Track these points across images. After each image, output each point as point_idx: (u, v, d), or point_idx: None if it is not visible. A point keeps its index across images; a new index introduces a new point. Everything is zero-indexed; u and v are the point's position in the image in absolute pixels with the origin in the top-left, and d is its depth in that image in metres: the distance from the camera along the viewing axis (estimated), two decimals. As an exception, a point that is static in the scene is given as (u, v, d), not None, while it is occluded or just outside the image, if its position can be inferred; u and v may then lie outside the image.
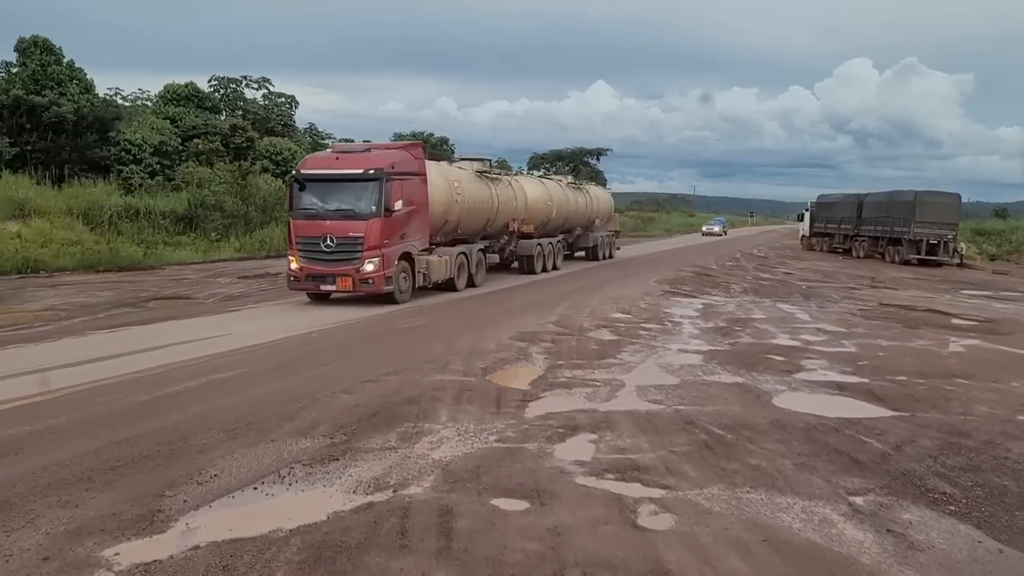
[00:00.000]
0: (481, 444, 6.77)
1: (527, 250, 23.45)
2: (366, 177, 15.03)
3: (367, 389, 8.59)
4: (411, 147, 17.32)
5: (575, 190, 29.10)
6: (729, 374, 10.06)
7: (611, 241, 32.40)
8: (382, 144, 18.42)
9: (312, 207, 15.38)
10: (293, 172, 16.56)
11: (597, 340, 12.29)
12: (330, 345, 11.44)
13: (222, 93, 46.33)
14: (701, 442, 6.93)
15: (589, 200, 30.06)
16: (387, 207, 14.94)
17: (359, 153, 15.97)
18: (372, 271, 14.91)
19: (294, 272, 15.38)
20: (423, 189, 16.59)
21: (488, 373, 9.65)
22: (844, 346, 12.55)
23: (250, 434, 6.81)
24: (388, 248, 15.19)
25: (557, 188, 26.99)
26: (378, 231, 14.93)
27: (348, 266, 14.95)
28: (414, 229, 16.24)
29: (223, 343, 11.11)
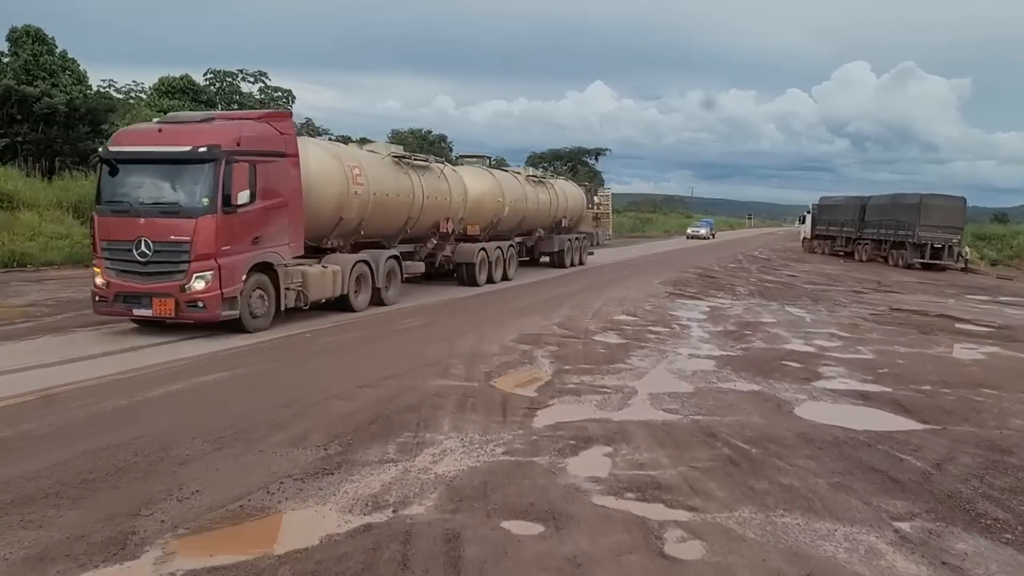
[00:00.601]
0: (487, 457, 6.25)
1: (466, 256, 19.09)
2: (195, 157, 10.76)
3: (364, 394, 8.06)
4: (274, 117, 12.85)
5: (536, 185, 24.66)
6: (745, 381, 9.55)
7: (582, 245, 28.30)
8: (234, 114, 14.80)
9: (122, 199, 11.06)
10: (99, 149, 11.97)
11: (604, 344, 11.78)
12: (325, 346, 10.92)
13: (218, 86, 45.73)
14: (725, 457, 6.42)
15: (555, 197, 25.69)
16: (227, 199, 10.79)
17: (191, 124, 11.58)
18: (202, 290, 10.61)
19: (99, 290, 11.02)
20: (293, 175, 12.30)
21: (492, 378, 9.13)
22: (861, 352, 12.05)
23: (237, 444, 6.28)
24: (229, 257, 10.92)
25: (512, 182, 22.57)
26: (212, 233, 10.67)
27: (169, 282, 10.63)
28: (277, 230, 11.92)
29: (214, 341, 10.58)
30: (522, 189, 22.98)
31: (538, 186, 24.73)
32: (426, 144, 57.88)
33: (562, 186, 27.38)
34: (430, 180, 17.59)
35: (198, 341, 10.71)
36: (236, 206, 10.94)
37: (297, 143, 12.67)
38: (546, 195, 25.00)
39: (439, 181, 18.14)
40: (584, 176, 69.76)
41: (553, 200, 25.44)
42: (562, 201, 26.21)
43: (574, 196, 28.26)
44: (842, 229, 42.38)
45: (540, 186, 24.94)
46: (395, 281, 15.56)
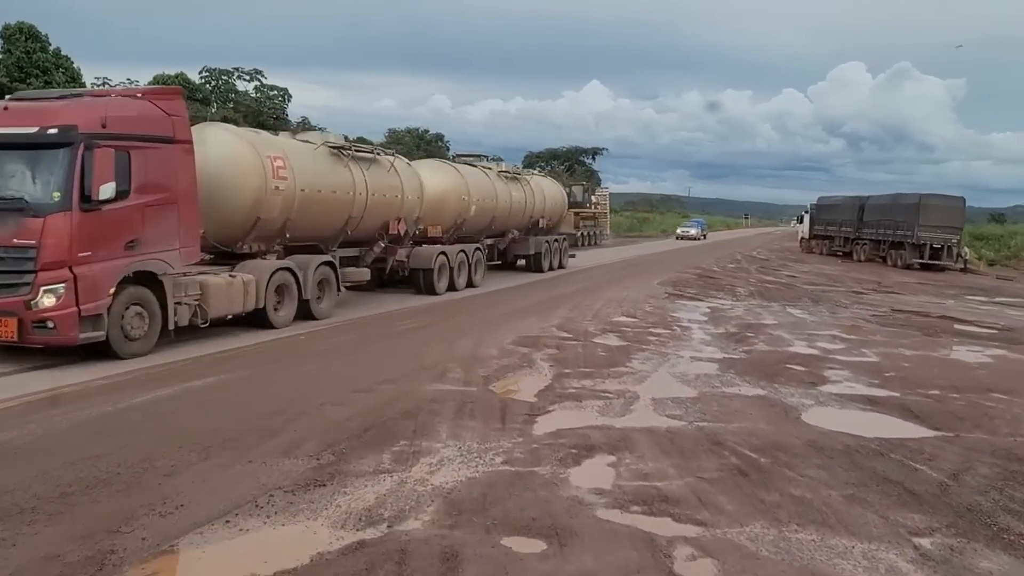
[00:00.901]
0: (486, 467, 6.01)
1: (423, 261, 16.75)
2: (44, 141, 8.76)
3: (359, 400, 7.81)
4: (159, 94, 10.43)
5: (510, 182, 22.40)
6: (749, 386, 9.32)
7: (562, 248, 26.05)
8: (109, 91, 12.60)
9: None
10: None
11: (604, 346, 11.54)
12: (319, 349, 10.66)
13: (213, 85, 45.44)
14: (733, 467, 6.18)
15: (531, 196, 23.42)
16: (86, 193, 8.70)
17: (45, 102, 9.54)
18: (53, 306, 8.54)
19: None
20: (185, 166, 10.12)
21: (490, 382, 8.88)
22: (865, 355, 11.83)
23: (225, 453, 6.02)
24: (90, 265, 8.82)
25: (480, 179, 20.32)
26: (66, 236, 8.61)
27: (10, 297, 8.56)
28: (163, 232, 9.74)
29: (202, 344, 10.32)
30: (492, 187, 20.75)
31: (512, 183, 22.42)
32: (423, 143, 57.67)
33: (540, 183, 25.11)
34: (377, 175, 15.15)
35: (185, 344, 10.45)
36: (99, 202, 8.77)
37: (189, 126, 10.47)
38: (520, 193, 22.74)
39: (388, 176, 15.63)
40: (581, 176, 69.67)
41: (529, 199, 23.29)
42: (539, 200, 24.08)
43: (553, 195, 26.08)
44: (840, 229, 42.18)
45: (514, 183, 22.64)
46: (329, 291, 13.15)
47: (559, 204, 26.47)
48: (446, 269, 17.46)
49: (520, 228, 23.10)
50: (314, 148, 13.85)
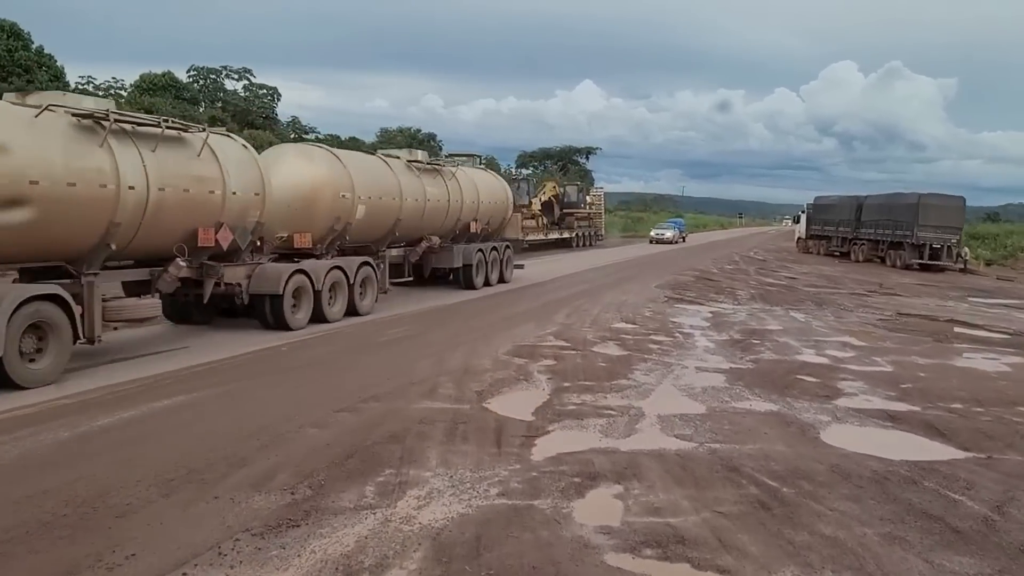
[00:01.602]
0: (481, 500, 5.41)
1: (268, 284, 12.06)
2: None
3: (341, 421, 7.19)
4: None
5: (424, 174, 17.32)
6: (760, 400, 8.74)
7: (504, 257, 20.88)
8: None
9: None
10: None
11: (604, 356, 10.95)
12: (301, 362, 10.01)
13: (201, 84, 44.68)
14: (753, 499, 5.59)
15: (456, 192, 18.37)
16: None
17: None
18: None
19: None
20: None
21: (484, 398, 8.28)
22: (878, 364, 11.27)
23: (188, 487, 5.40)
24: None
25: (375, 171, 15.63)
26: None
27: None
28: None
29: (177, 358, 9.68)
30: (395, 181, 15.82)
31: (428, 176, 17.46)
32: (415, 142, 56.97)
33: (471, 178, 19.80)
34: (173, 160, 10.25)
35: (154, 358, 9.82)
36: None
37: None
38: (441, 190, 17.74)
39: (195, 163, 10.73)
40: (575, 175, 69.12)
41: (455, 197, 18.31)
42: (470, 198, 19.08)
43: (491, 192, 20.89)
44: (838, 229, 41.72)
45: (431, 177, 17.65)
46: (52, 342, 8.45)
47: (500, 204, 21.44)
48: (307, 295, 12.58)
49: (443, 234, 18.25)
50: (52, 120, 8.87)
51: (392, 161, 16.60)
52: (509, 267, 21.27)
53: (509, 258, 21.34)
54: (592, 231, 44.40)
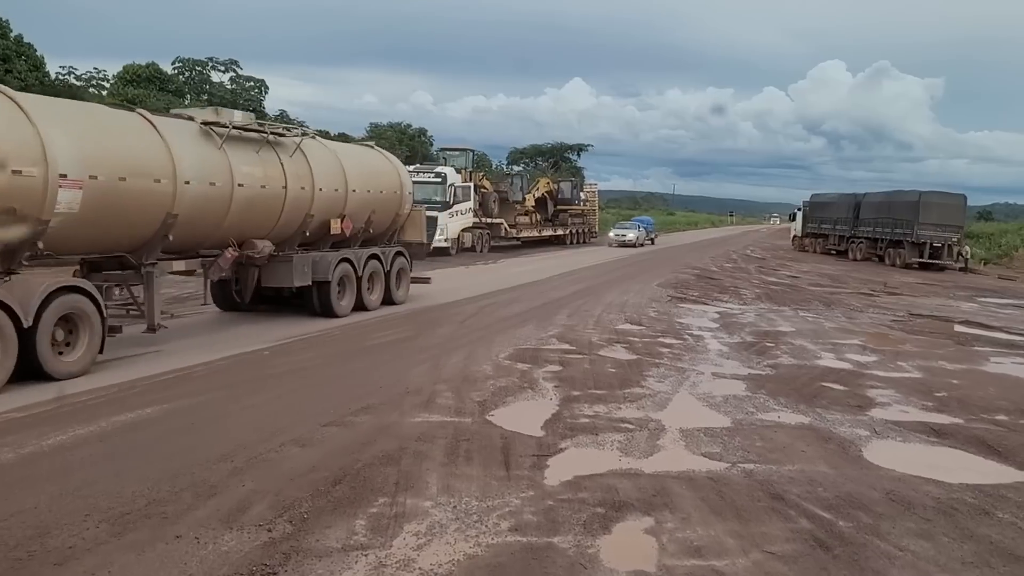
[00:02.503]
0: (490, 537, 4.61)
1: None
2: None
3: (328, 438, 6.36)
4: None
5: (243, 145, 11.04)
6: (788, 411, 7.98)
7: (393, 269, 14.38)
8: None
9: None
10: None
11: (613, 360, 10.17)
12: (285, 368, 9.13)
13: (187, 76, 43.60)
14: (807, 535, 4.81)
15: (301, 174, 12.04)
16: None
17: None
18: None
19: None
20: None
21: (487, 410, 7.47)
22: (904, 370, 10.54)
23: (146, 524, 4.57)
24: None
25: (122, 130, 9.34)
26: None
27: None
28: None
29: (148, 363, 8.82)
30: (162, 152, 9.54)
31: (242, 149, 10.91)
32: (405, 138, 56.09)
33: (335, 154, 13.21)
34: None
35: (126, 362, 8.96)
36: None
37: None
38: (272, 169, 11.35)
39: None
40: (566, 172, 68.37)
41: (299, 181, 11.86)
42: (330, 183, 12.60)
43: (372, 176, 14.08)
44: (835, 227, 41.09)
45: (251, 149, 11.10)
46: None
47: (389, 194, 14.48)
48: None
49: (280, 237, 11.84)
50: None
51: (167, 122, 10.08)
52: (401, 282, 14.79)
53: (402, 270, 14.82)
54: (586, 228, 43.64)
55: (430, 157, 48.63)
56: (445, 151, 33.63)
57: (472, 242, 29.83)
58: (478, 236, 30.38)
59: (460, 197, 28.91)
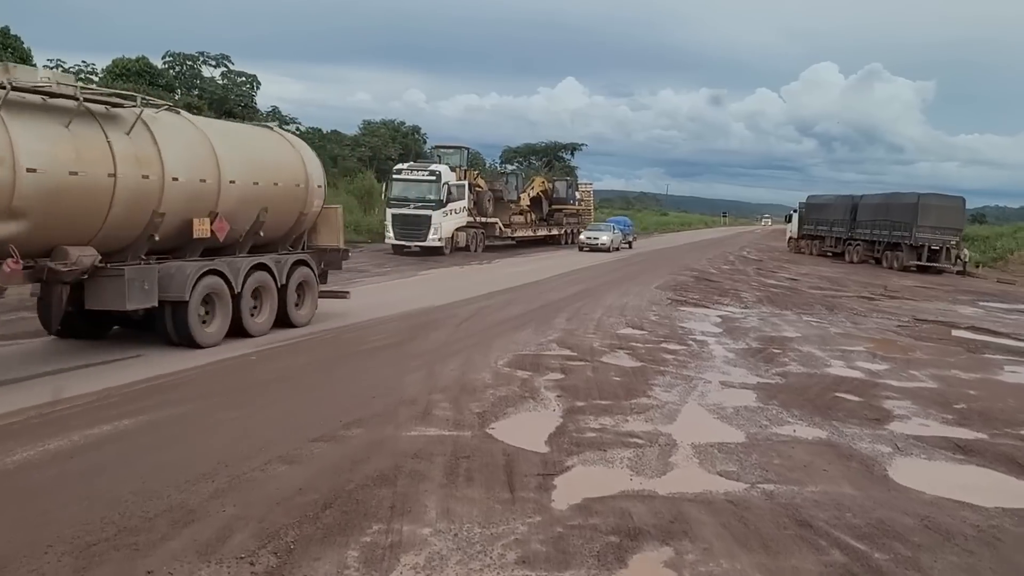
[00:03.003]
0: (496, 570, 4.20)
1: None
2: None
3: (316, 455, 5.91)
4: None
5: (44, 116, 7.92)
6: (804, 424, 7.59)
7: (292, 281, 11.25)
8: None
9: None
10: None
11: (617, 368, 9.75)
12: (272, 374, 8.64)
13: (177, 70, 42.89)
14: (842, 570, 4.39)
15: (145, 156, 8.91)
16: None
17: None
18: None
19: None
20: None
21: (487, 422, 7.03)
22: (918, 379, 10.16)
23: (114, 556, 4.12)
24: None
25: None
26: None
27: None
28: None
29: (126, 370, 8.33)
30: None
31: (52, 118, 8.04)
32: (399, 135, 55.52)
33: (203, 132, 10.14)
34: None
35: (103, 369, 8.49)
36: None
37: None
38: (94, 148, 8.37)
39: None
40: (560, 171, 68.01)
41: (142, 164, 8.90)
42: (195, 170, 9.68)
43: (265, 161, 11.19)
44: (831, 229, 40.79)
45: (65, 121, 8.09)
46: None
47: (290, 185, 11.50)
48: None
49: (110, 244, 8.85)
50: None
51: None
52: (304, 300, 11.67)
53: (305, 283, 11.63)
54: (581, 228, 43.10)
55: (423, 155, 48.12)
56: (439, 149, 33.06)
57: (466, 241, 29.35)
58: (472, 235, 29.91)
59: (455, 196, 28.42)
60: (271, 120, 47.06)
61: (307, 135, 52.26)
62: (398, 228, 27.57)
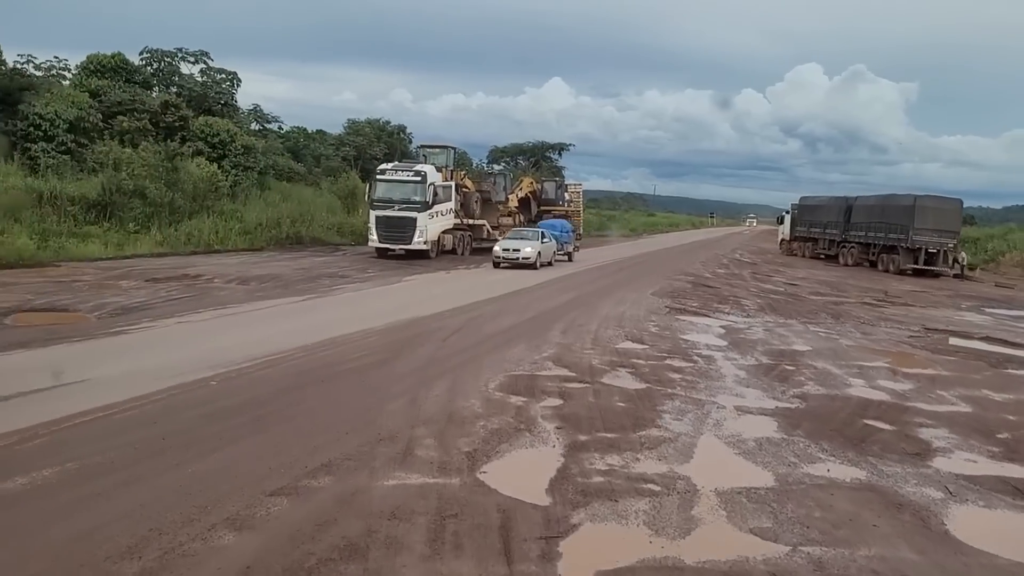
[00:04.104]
0: None
1: None
2: None
3: (274, 515, 4.91)
4: None
5: None
6: (837, 461, 6.69)
7: None
8: None
9: None
10: None
11: (620, 390, 8.80)
12: (231, 402, 7.52)
13: (155, 67, 41.55)
14: None
15: None
16: None
17: None
18: None
19: None
20: None
21: (478, 464, 6.07)
22: (948, 400, 9.30)
23: None
24: None
25: None
26: None
27: None
28: None
29: (67, 399, 7.28)
30: None
31: None
32: (384, 135, 54.39)
33: None
34: None
35: (33, 399, 7.45)
36: None
37: None
38: None
39: None
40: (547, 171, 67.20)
41: None
42: None
43: None
44: (825, 231, 40.10)
45: None
46: None
47: None
48: None
49: None
50: None
51: None
52: None
53: None
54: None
55: (409, 154, 47.02)
56: (425, 148, 31.97)
57: (453, 244, 28.32)
58: (459, 238, 28.89)
59: (441, 197, 27.36)
60: (251, 118, 45.97)
61: (291, 135, 51.12)
62: (382, 230, 26.45)
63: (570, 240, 30.07)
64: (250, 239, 27.79)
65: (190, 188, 28.10)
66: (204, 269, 19.31)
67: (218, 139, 33.86)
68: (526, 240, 25.65)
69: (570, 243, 29.99)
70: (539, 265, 24.49)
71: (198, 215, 27.36)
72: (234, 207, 30.00)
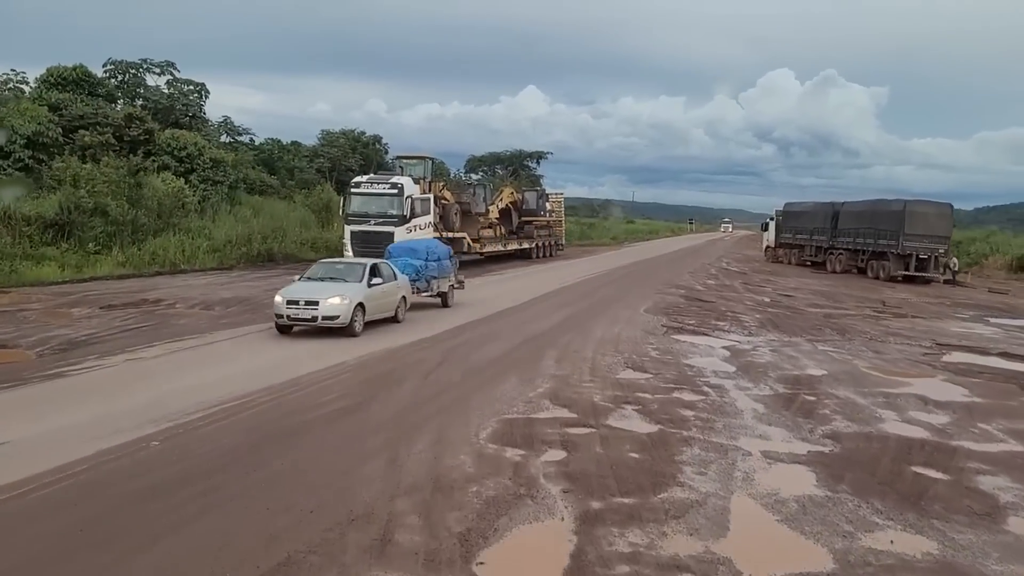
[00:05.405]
0: None
1: None
2: None
3: (210, 655, 3.73)
4: None
5: None
6: (897, 526, 5.65)
7: None
8: None
9: None
10: None
11: (631, 436, 7.70)
12: (172, 475, 6.21)
13: (119, 79, 40.07)
14: None
15: None
16: None
17: None
18: None
19: None
20: None
21: (473, 551, 4.93)
22: (996, 437, 8.32)
23: None
24: None
25: None
26: None
27: None
28: None
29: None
30: None
31: None
32: (359, 145, 53.08)
33: None
34: None
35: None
36: None
37: None
38: None
39: None
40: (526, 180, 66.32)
41: None
42: None
43: None
44: (811, 237, 39.30)
45: None
46: None
47: None
48: None
49: None
50: None
51: None
52: None
53: None
54: (552, 240, 41.12)
55: (385, 165, 45.81)
56: (401, 159, 30.81)
57: (433, 259, 27.11)
58: (439, 253, 27.69)
59: (419, 211, 26.19)
60: (221, 131, 44.49)
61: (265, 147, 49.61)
62: (357, 246, 25.14)
63: (450, 269, 17.97)
64: (219, 257, 26.43)
65: (155, 205, 26.70)
66: (166, 292, 18.01)
67: (185, 153, 32.45)
68: (337, 282, 13.71)
69: (448, 275, 17.82)
70: (359, 329, 13.03)
71: (163, 233, 25.97)
72: (202, 224, 28.57)
